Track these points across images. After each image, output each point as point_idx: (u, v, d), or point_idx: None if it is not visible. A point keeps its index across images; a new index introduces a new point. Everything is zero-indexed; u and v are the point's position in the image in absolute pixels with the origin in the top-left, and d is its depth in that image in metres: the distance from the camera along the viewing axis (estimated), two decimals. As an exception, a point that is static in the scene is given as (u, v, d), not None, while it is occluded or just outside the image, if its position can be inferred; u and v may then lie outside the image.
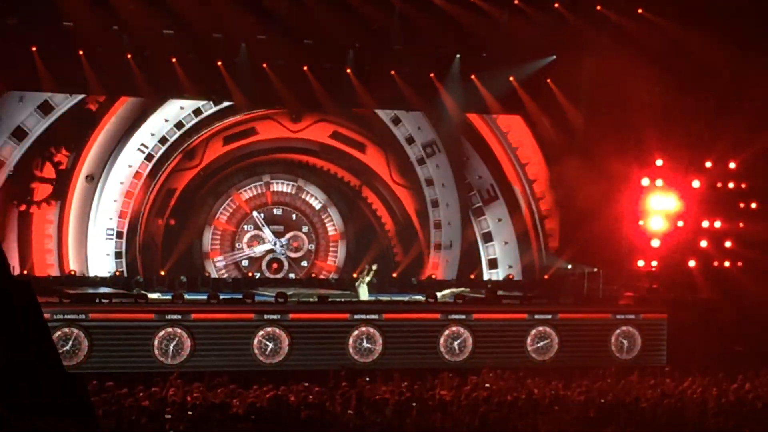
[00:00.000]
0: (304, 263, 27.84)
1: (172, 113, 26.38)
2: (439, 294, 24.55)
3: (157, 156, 26.34)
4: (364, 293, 24.26)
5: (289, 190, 27.82)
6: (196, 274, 26.57)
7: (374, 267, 24.66)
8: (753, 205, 26.47)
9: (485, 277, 28.09)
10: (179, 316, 21.37)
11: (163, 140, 26.39)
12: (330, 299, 23.59)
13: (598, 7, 25.61)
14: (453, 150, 28.18)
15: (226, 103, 26.38)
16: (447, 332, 22.77)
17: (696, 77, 24.95)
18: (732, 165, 26.24)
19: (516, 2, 25.41)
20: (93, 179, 25.76)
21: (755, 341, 23.21)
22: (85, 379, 13.29)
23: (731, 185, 26.36)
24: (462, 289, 25.50)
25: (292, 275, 27.56)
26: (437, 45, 26.32)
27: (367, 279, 24.38)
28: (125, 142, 26.09)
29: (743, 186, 26.53)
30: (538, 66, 26.89)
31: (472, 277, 27.85)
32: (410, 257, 28.09)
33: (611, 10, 25.50)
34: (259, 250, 27.59)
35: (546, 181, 28.26)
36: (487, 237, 28.49)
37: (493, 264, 28.39)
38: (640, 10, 25.21)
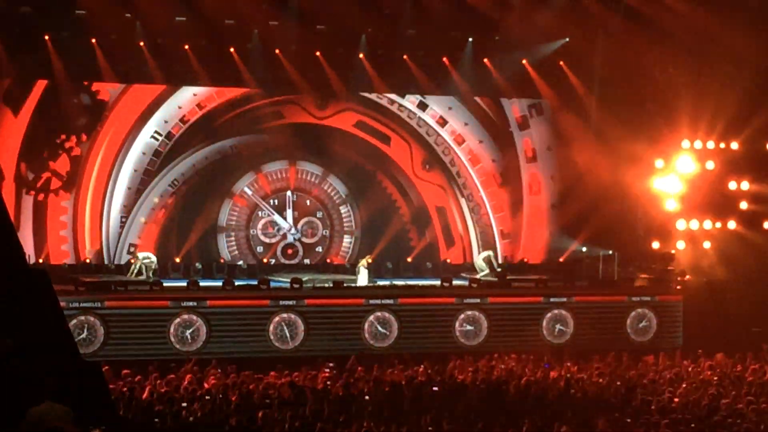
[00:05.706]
0: (319, 249, 27.79)
1: (185, 100, 26.36)
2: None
3: (171, 143, 26.31)
4: (363, 279, 24.35)
5: (305, 177, 27.69)
6: (211, 261, 26.56)
7: (368, 257, 25.03)
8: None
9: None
10: (195, 303, 21.45)
11: (176, 127, 26.35)
12: (345, 284, 23.64)
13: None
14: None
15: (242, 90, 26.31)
16: (462, 316, 22.80)
17: (714, 57, 24.75)
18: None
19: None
20: None
21: None
22: (102, 367, 13.34)
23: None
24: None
25: (307, 261, 27.52)
26: (449, 29, 26.22)
27: (364, 262, 24.60)
28: (139, 129, 26.09)
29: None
30: (552, 49, 26.75)
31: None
32: (425, 242, 27.96)
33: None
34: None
35: (560, 163, 28.13)
36: (501, 219, 28.40)
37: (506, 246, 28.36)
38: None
